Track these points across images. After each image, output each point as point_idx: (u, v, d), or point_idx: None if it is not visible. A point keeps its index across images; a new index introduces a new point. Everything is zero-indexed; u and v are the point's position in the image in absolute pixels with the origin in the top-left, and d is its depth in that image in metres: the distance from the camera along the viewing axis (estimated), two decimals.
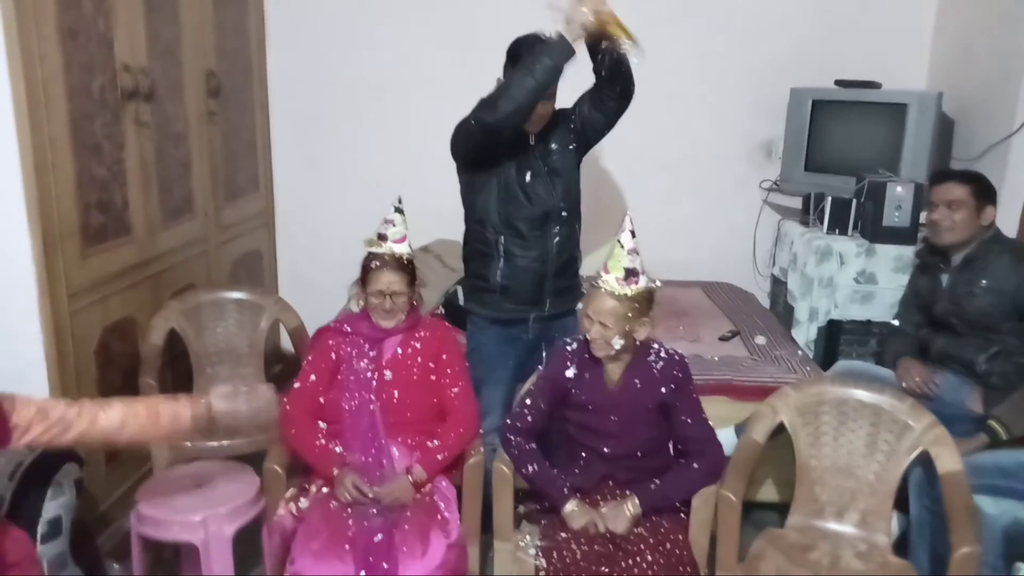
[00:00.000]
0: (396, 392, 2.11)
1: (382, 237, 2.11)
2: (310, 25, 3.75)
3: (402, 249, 2.11)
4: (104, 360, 2.52)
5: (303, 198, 3.94)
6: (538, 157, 2.34)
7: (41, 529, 1.95)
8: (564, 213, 2.36)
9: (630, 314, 1.89)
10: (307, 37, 3.76)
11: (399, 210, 2.13)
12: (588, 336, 1.93)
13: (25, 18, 2.09)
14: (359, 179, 3.75)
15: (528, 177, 2.32)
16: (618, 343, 1.90)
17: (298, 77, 3.80)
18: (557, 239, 2.35)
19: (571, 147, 2.38)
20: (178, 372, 2.85)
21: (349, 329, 2.14)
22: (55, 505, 1.99)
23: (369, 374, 2.11)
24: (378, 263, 2.08)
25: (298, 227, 3.99)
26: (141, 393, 2.50)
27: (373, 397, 2.09)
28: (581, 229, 2.48)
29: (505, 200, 2.34)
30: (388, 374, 2.12)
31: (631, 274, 1.88)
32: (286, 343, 3.22)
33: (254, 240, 3.74)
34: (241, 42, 3.53)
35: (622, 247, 1.90)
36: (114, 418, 1.63)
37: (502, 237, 2.33)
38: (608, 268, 1.91)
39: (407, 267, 2.11)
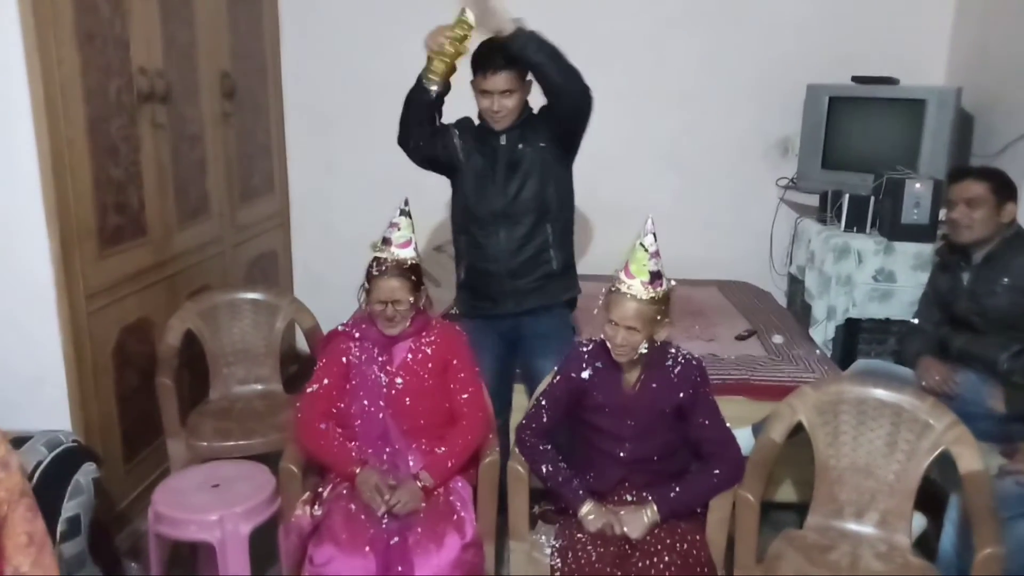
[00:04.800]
0: (408, 399, 2.08)
1: (387, 241, 2.05)
2: (324, 26, 3.76)
3: (406, 254, 2.05)
4: (121, 360, 2.54)
5: (318, 198, 3.96)
6: (502, 155, 2.30)
7: (60, 528, 1.96)
8: (522, 212, 2.30)
9: (658, 316, 1.87)
10: (321, 38, 3.77)
11: (405, 213, 2.08)
12: (612, 343, 1.89)
13: (43, 22, 2.11)
14: (374, 179, 3.76)
15: (486, 176, 2.31)
16: (644, 347, 1.89)
17: (312, 78, 3.81)
18: (512, 239, 2.31)
19: (542, 144, 2.30)
20: (194, 372, 2.87)
21: (359, 334, 2.11)
22: (73, 504, 2.00)
23: (380, 381, 2.08)
24: (380, 270, 2.03)
25: (313, 227, 4.00)
26: (157, 393, 2.52)
27: (383, 404, 2.06)
28: (565, 227, 2.40)
29: (463, 200, 2.37)
30: (399, 381, 2.08)
31: (656, 277, 1.86)
32: (301, 343, 3.23)
33: (269, 241, 3.76)
34: (255, 44, 3.54)
35: (646, 250, 1.86)
36: None
37: (462, 237, 2.41)
38: (631, 273, 1.86)
39: (410, 273, 2.05)
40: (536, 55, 2.11)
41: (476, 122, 2.38)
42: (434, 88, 2.21)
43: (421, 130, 2.31)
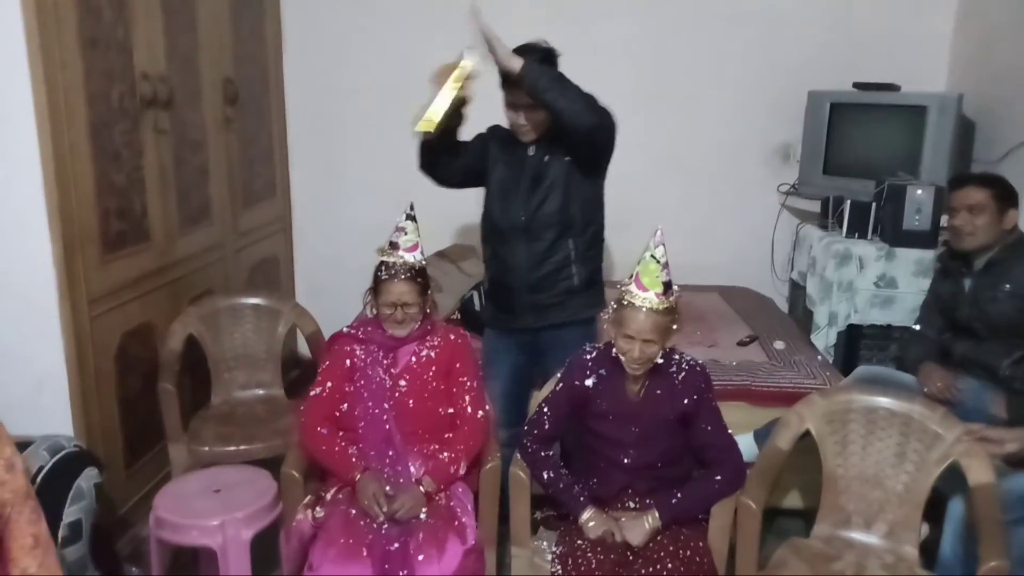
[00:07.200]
0: (411, 401, 2.09)
1: (394, 245, 2.06)
2: (326, 32, 3.77)
3: (413, 258, 2.06)
4: (123, 365, 2.53)
5: (320, 204, 3.96)
6: (529, 167, 2.27)
7: (61, 533, 1.96)
8: (544, 226, 2.25)
9: (672, 325, 1.87)
10: (323, 44, 3.78)
11: (411, 217, 2.09)
12: (628, 357, 1.87)
13: (47, 27, 2.11)
14: (376, 184, 3.76)
15: (510, 188, 2.28)
16: (660, 358, 1.89)
17: (315, 83, 3.82)
18: (532, 253, 2.27)
19: (567, 158, 2.24)
20: (196, 377, 2.86)
21: (364, 336, 2.12)
22: (75, 509, 2.00)
23: (385, 383, 2.09)
24: (389, 273, 2.04)
25: (315, 232, 4.00)
26: (159, 398, 2.52)
27: (388, 406, 2.07)
28: (590, 242, 2.34)
29: (488, 211, 2.36)
30: (403, 384, 2.09)
31: (667, 287, 1.86)
32: (303, 348, 3.23)
33: (271, 246, 3.76)
34: (258, 49, 3.55)
35: (658, 262, 1.85)
36: None
37: (487, 248, 2.40)
38: (644, 285, 1.84)
39: (419, 276, 2.07)
40: (546, 93, 2.04)
41: (507, 127, 2.32)
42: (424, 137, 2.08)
43: (443, 167, 2.30)
